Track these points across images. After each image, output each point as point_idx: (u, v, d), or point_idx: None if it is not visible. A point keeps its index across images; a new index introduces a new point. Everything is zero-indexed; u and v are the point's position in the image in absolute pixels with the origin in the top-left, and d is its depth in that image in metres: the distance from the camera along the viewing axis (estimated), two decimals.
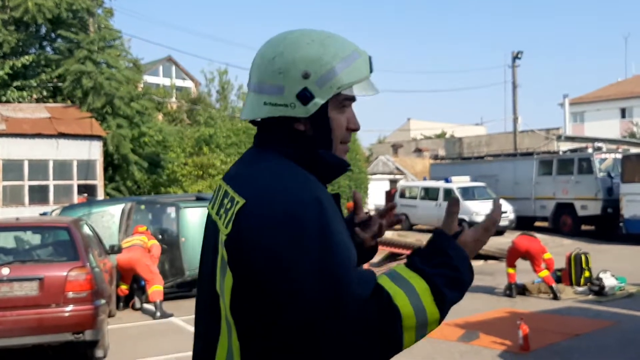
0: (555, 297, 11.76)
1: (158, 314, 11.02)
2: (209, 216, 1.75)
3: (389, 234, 24.13)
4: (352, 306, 1.46)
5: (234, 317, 1.54)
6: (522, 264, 12.14)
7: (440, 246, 1.62)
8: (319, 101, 1.62)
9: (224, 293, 1.55)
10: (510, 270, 12.16)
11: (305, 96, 1.61)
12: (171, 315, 11.00)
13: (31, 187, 20.82)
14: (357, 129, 1.75)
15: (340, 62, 1.63)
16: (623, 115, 52.48)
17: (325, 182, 1.72)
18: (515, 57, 34.61)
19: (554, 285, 11.93)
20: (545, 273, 11.89)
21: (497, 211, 1.70)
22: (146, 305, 11.87)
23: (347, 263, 1.51)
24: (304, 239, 1.48)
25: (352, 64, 1.65)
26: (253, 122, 1.77)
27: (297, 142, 1.67)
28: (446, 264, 1.57)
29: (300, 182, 1.58)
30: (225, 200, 1.63)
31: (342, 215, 1.69)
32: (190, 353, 1.77)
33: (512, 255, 12.22)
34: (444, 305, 1.55)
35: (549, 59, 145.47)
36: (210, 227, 1.71)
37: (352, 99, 1.71)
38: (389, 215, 2.00)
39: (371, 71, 1.70)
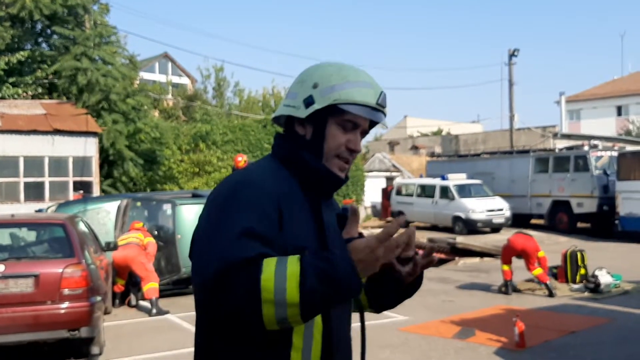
0: (551, 294, 11.78)
1: (154, 311, 11.00)
2: None
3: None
4: (222, 269, 1.67)
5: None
6: (515, 262, 12.13)
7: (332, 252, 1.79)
8: (316, 106, 1.91)
9: None
10: (505, 268, 12.16)
11: (308, 102, 1.92)
12: (167, 313, 10.99)
13: (26, 184, 20.79)
14: (355, 150, 1.98)
15: (346, 82, 1.92)
16: (619, 113, 52.61)
17: (317, 190, 1.98)
18: (512, 55, 34.64)
19: (548, 282, 11.95)
20: (539, 271, 11.88)
21: (394, 225, 1.77)
22: (142, 303, 11.86)
23: (231, 233, 1.74)
24: (211, 211, 1.86)
25: (356, 88, 1.92)
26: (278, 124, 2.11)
27: (290, 144, 1.98)
28: (325, 259, 1.70)
29: (242, 177, 1.91)
30: None
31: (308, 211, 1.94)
32: (186, 349, 1.83)
33: (508, 253, 12.22)
34: (305, 292, 1.65)
35: (545, 57, 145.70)
36: None
37: (354, 122, 1.95)
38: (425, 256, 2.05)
39: (379, 104, 1.95)
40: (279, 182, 1.89)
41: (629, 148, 25.13)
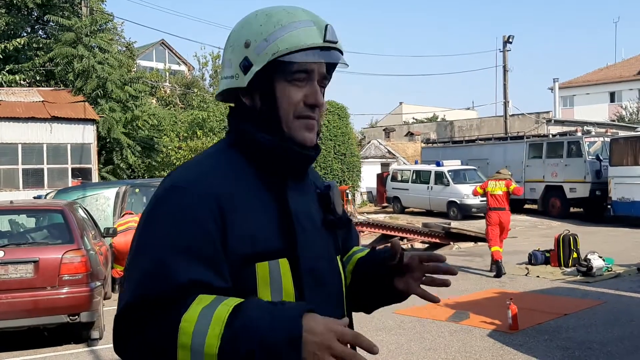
0: (498, 274, 12.24)
1: None
2: None
3: (380, 217, 24.29)
4: (134, 304, 1.39)
5: None
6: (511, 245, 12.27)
7: (287, 302, 1.45)
8: (254, 68, 1.55)
9: None
10: (494, 249, 12.43)
11: (245, 65, 1.56)
12: None
13: (25, 171, 20.85)
14: (316, 104, 1.59)
15: (280, 29, 1.54)
16: (612, 99, 52.70)
17: (281, 173, 1.61)
18: (506, 42, 34.67)
19: (500, 260, 12.35)
20: (495, 249, 12.35)
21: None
22: None
23: (152, 256, 1.43)
24: (140, 226, 1.51)
25: (294, 31, 1.54)
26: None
27: (240, 119, 1.63)
28: (268, 310, 1.36)
29: (182, 175, 1.55)
30: None
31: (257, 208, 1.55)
32: None
33: (493, 232, 12.50)
34: (226, 344, 1.31)
35: (539, 44, 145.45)
36: None
37: (305, 71, 1.57)
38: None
39: (329, 41, 1.57)
40: (222, 177, 1.53)
41: (622, 134, 25.22)
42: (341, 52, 1.62)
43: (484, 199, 13.09)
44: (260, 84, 1.57)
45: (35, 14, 27.12)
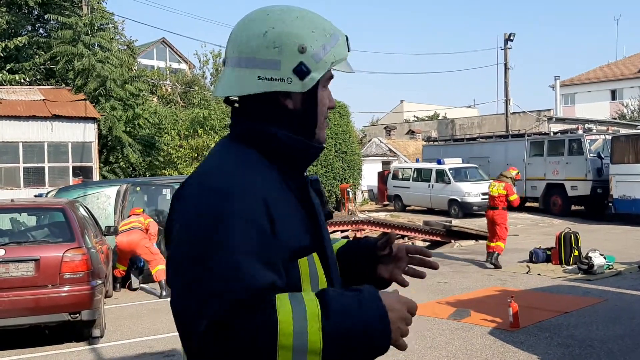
0: (497, 266, 12.96)
1: (164, 292, 11.15)
2: None
3: (382, 215, 24.30)
4: (225, 311, 1.37)
5: None
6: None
7: (358, 287, 1.53)
8: (315, 76, 1.60)
9: None
10: (491, 244, 13.31)
11: (302, 71, 1.59)
12: None
13: (26, 169, 20.87)
14: (334, 106, 1.74)
15: (330, 39, 1.63)
16: (613, 97, 52.61)
17: (299, 167, 1.69)
18: (508, 39, 34.61)
19: (497, 253, 13.13)
20: (496, 243, 13.13)
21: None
22: (145, 286, 12.05)
23: (229, 263, 1.42)
24: (194, 236, 1.46)
25: (337, 42, 1.65)
26: (227, 101, 1.74)
27: (269, 121, 1.63)
28: (355, 297, 1.47)
29: (215, 178, 1.54)
30: None
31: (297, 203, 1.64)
32: None
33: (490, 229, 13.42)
34: (328, 336, 1.39)
35: (540, 41, 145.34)
36: None
37: (332, 77, 1.70)
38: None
39: (348, 50, 1.70)
40: (261, 180, 1.56)
41: (623, 131, 25.20)
42: None
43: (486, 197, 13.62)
44: (309, 89, 1.62)
45: (36, 13, 27.12)
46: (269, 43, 1.58)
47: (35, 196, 15.93)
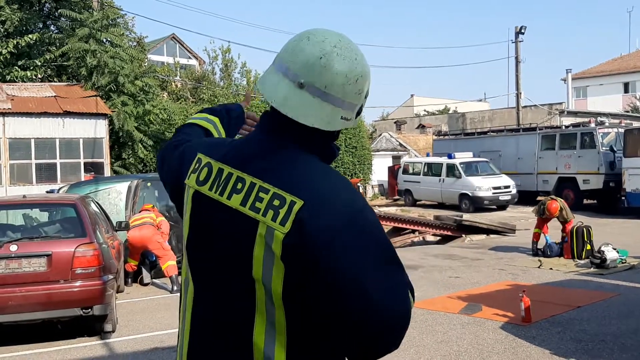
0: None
1: (175, 287, 11.18)
2: (204, 199, 1.82)
3: (392, 209, 24.26)
4: (405, 309, 1.60)
5: (285, 302, 1.65)
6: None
7: None
8: (361, 113, 1.80)
9: (271, 281, 1.65)
10: (536, 230, 13.92)
11: (360, 111, 1.79)
12: None
13: (38, 165, 20.99)
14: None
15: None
16: (626, 90, 52.31)
17: None
18: (519, 32, 34.47)
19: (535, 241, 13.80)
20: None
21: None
22: (156, 281, 12.09)
23: (401, 264, 1.65)
24: (371, 240, 1.61)
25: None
26: (275, 112, 1.79)
27: (320, 139, 1.77)
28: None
29: (347, 183, 1.72)
30: (263, 195, 1.69)
31: None
32: None
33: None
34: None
35: (552, 34, 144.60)
36: (211, 213, 1.79)
37: None
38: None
39: None
40: None
41: (636, 124, 25.07)
42: None
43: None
44: None
45: (47, 9, 27.20)
46: (357, 90, 1.74)
47: (47, 192, 16.01)
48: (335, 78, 1.69)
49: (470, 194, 24.36)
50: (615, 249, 12.25)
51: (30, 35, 24.68)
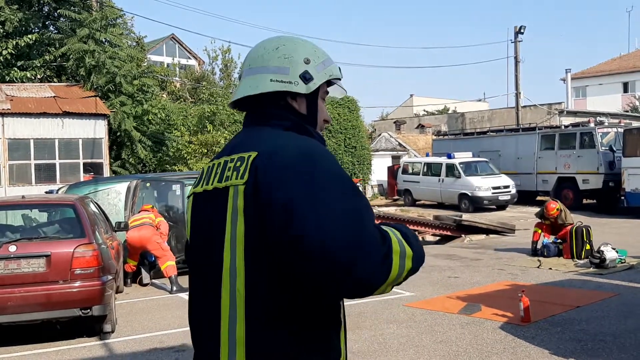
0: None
1: (174, 288, 11.18)
2: (199, 197, 1.99)
3: (392, 209, 24.26)
4: (373, 247, 1.65)
5: (246, 260, 1.75)
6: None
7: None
8: (317, 82, 1.95)
9: (236, 242, 1.76)
10: (536, 230, 13.96)
11: (305, 77, 1.94)
12: (187, 290, 11.13)
13: (37, 166, 21.00)
14: (329, 121, 2.10)
15: (328, 58, 2.03)
16: (625, 90, 52.32)
17: None
18: (518, 32, 34.46)
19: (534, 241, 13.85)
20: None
21: None
22: (156, 281, 12.07)
23: (368, 204, 1.74)
24: (324, 171, 1.72)
25: (332, 64, 2.04)
26: (241, 107, 2.08)
27: (292, 117, 1.96)
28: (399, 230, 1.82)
29: (307, 139, 1.86)
30: (230, 164, 1.85)
31: None
32: None
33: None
34: (412, 245, 1.77)
35: (551, 34, 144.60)
36: (203, 205, 1.96)
37: (327, 92, 2.10)
38: None
39: (341, 77, 2.08)
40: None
41: (635, 124, 25.05)
42: None
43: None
44: (309, 94, 1.97)
45: (47, 10, 27.19)
46: (280, 54, 1.96)
47: (46, 192, 16.01)
48: (261, 54, 1.98)
49: (469, 194, 24.36)
50: (614, 249, 12.24)
51: (29, 36, 24.68)
